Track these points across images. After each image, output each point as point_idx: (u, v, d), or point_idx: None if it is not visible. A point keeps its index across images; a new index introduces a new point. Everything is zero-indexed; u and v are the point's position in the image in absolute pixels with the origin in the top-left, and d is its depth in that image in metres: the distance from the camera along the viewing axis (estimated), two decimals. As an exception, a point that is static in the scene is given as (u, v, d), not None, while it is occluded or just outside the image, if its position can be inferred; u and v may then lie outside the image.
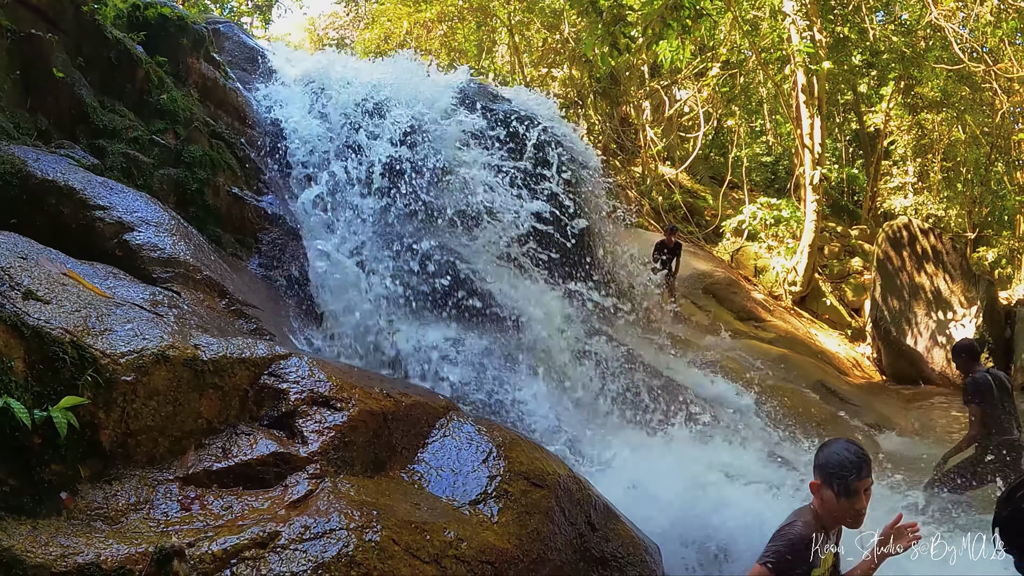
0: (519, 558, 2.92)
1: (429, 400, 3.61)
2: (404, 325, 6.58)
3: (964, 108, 26.35)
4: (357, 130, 7.58)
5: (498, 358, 6.72)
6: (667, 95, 24.18)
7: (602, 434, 6.54)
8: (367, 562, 2.45)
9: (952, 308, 18.10)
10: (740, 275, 20.93)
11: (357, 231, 6.98)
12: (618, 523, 3.88)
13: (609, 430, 6.72)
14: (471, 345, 6.64)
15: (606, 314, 9.07)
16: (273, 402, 3.21)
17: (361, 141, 7.48)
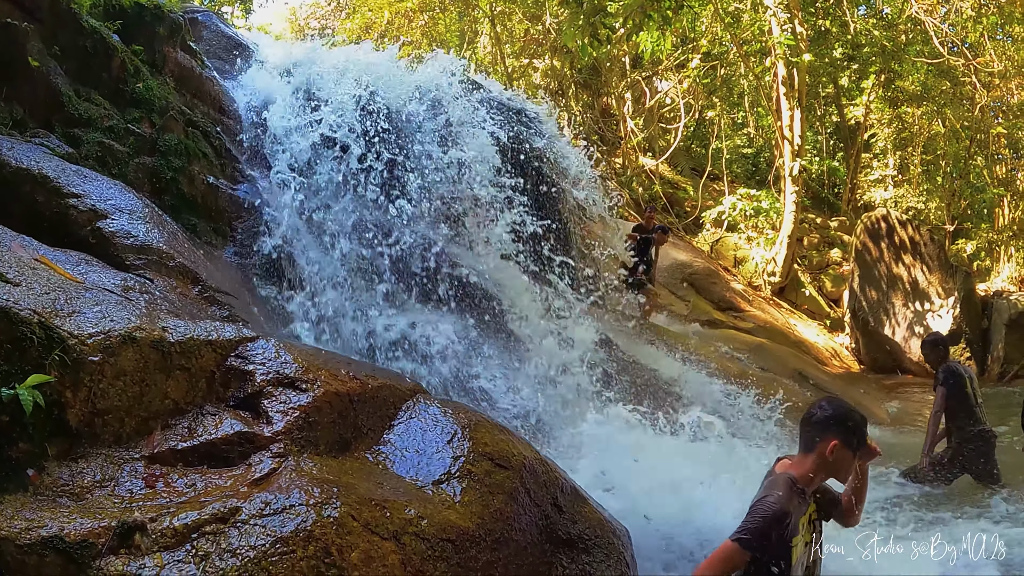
0: (481, 537, 2.97)
1: (396, 383, 3.66)
2: (382, 311, 6.63)
3: (944, 102, 26.52)
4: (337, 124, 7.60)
5: (476, 344, 6.78)
6: (648, 86, 24.24)
7: (574, 420, 6.61)
8: (325, 537, 2.50)
9: (930, 299, 18.27)
10: (720, 265, 21.04)
11: (335, 219, 7.01)
12: (585, 505, 3.93)
13: (582, 417, 6.79)
14: (449, 331, 6.69)
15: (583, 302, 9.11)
16: (239, 383, 3.26)
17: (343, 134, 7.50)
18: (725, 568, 3.52)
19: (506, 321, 7.44)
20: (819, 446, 3.64)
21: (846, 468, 3.67)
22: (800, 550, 3.74)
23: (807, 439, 3.73)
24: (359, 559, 2.51)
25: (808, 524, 3.80)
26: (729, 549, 3.52)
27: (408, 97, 8.07)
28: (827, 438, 3.61)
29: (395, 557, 2.61)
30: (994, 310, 19.07)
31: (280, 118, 7.37)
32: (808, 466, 3.67)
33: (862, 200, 28.68)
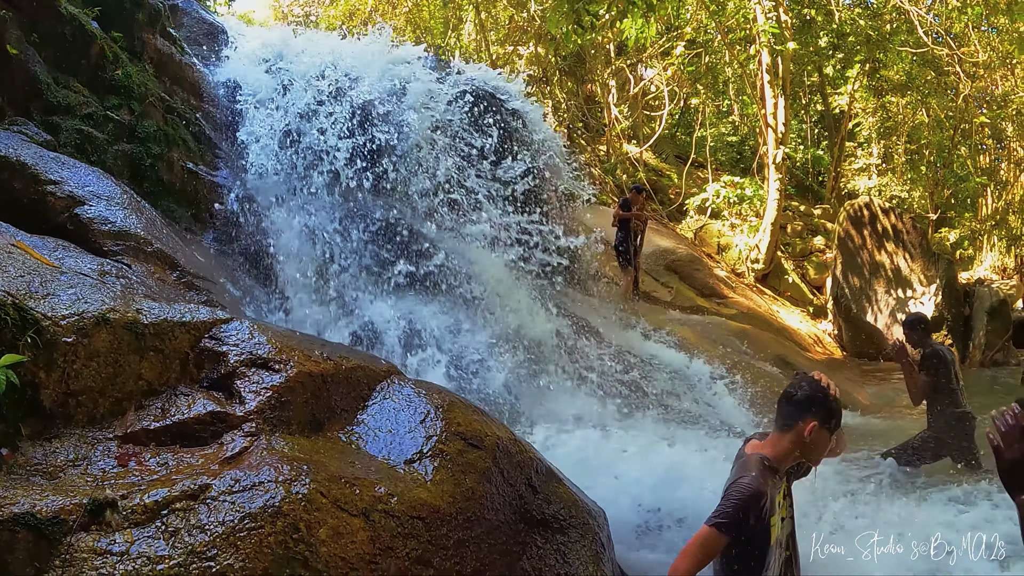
0: (453, 515, 3.00)
1: (371, 364, 3.69)
2: (361, 296, 6.66)
3: (928, 92, 26.61)
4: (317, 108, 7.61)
5: (456, 328, 6.82)
6: (632, 74, 24.25)
7: (552, 402, 6.66)
8: (293, 513, 2.53)
9: (912, 286, 18.38)
10: (703, 252, 21.10)
11: (314, 205, 7.03)
12: (561, 486, 3.96)
13: (560, 400, 6.84)
14: (428, 316, 6.73)
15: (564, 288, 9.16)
16: (213, 364, 3.29)
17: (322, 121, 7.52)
18: (704, 554, 3.53)
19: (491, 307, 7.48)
20: (797, 426, 3.64)
21: (821, 449, 3.68)
22: (778, 528, 3.79)
23: (785, 418, 3.72)
24: (327, 535, 2.55)
25: (783, 500, 3.85)
26: (706, 535, 3.52)
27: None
28: (807, 419, 3.61)
29: (364, 534, 2.65)
30: (976, 298, 19.21)
31: (257, 104, 7.38)
32: (784, 446, 3.68)
33: (846, 188, 28.82)
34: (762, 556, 3.67)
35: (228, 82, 7.79)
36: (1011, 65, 27.84)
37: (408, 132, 7.87)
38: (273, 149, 7.15)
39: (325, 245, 6.80)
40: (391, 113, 7.88)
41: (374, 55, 8.59)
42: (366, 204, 7.32)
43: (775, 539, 3.70)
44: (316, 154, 7.26)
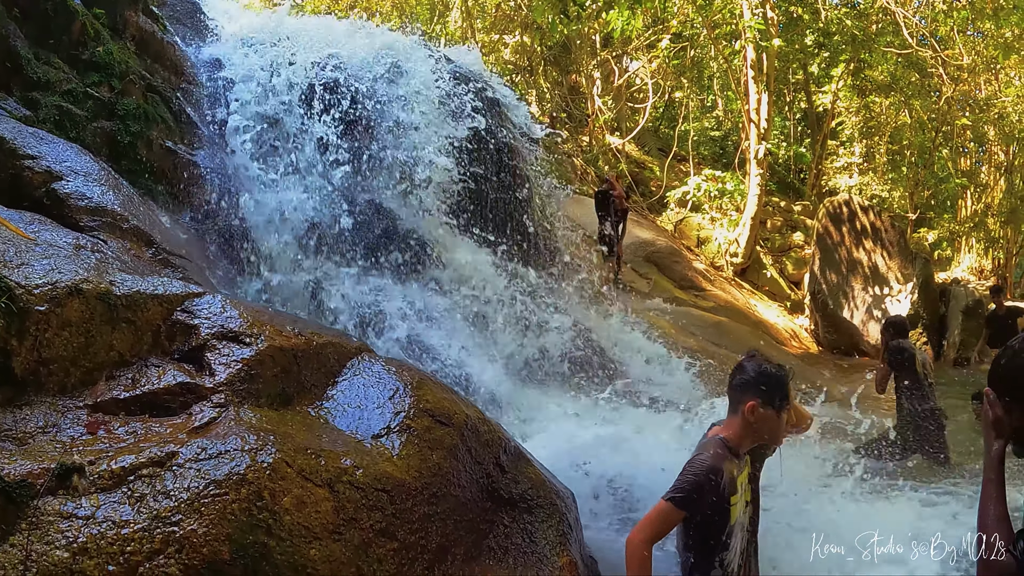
0: (418, 490, 3.05)
1: (342, 341, 3.72)
2: (337, 277, 6.69)
3: (912, 93, 26.79)
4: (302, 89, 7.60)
5: (429, 312, 6.86)
6: (617, 66, 24.31)
7: (525, 388, 6.72)
8: (258, 481, 2.57)
9: (888, 284, 18.54)
10: (682, 245, 21.22)
11: (294, 186, 7.04)
12: (529, 467, 4.01)
13: (532, 386, 6.90)
14: (402, 298, 6.77)
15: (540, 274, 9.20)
16: (184, 337, 3.32)
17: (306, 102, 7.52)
18: (660, 527, 3.62)
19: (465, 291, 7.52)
20: (741, 408, 3.77)
21: (772, 428, 3.78)
22: (740, 509, 3.87)
23: (732, 402, 3.88)
24: (291, 504, 2.59)
25: (747, 484, 3.94)
26: (662, 508, 3.61)
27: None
28: (746, 399, 3.74)
29: (328, 504, 2.69)
30: (951, 297, 19.43)
31: (239, 84, 7.38)
32: (735, 428, 3.80)
33: (827, 186, 28.99)
34: (721, 534, 3.75)
35: (211, 61, 7.77)
36: (995, 70, 28.07)
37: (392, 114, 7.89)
38: (254, 129, 7.15)
39: (303, 226, 6.82)
40: (377, 95, 7.90)
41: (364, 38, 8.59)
42: (347, 186, 7.33)
43: (736, 519, 3.78)
44: (298, 135, 7.26)
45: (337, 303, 6.45)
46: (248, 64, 7.63)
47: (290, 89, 7.42)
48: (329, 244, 6.89)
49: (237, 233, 6.45)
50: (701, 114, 29.95)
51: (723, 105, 29.57)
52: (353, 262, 7.03)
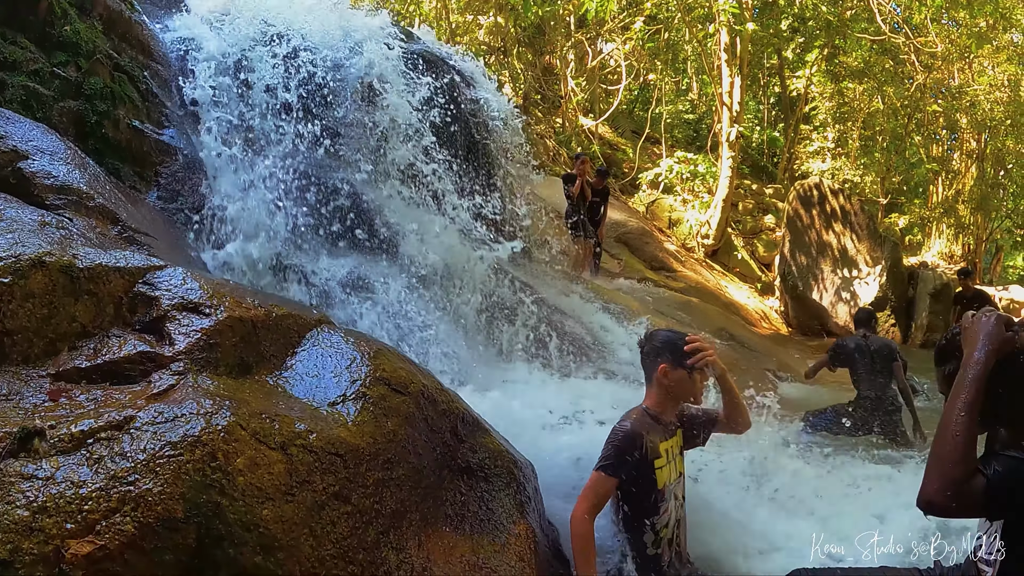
0: (372, 455, 3.14)
1: (302, 312, 3.81)
2: (304, 256, 6.75)
3: (885, 80, 27.03)
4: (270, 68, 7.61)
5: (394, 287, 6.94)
6: (591, 47, 24.39)
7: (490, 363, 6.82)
8: (212, 443, 2.66)
9: (857, 266, 18.79)
10: (654, 226, 21.41)
11: (262, 165, 7.08)
12: (487, 436, 4.12)
13: (498, 361, 7.00)
14: (369, 276, 6.84)
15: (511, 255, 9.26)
16: (146, 308, 3.40)
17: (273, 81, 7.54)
18: (595, 498, 3.97)
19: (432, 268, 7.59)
20: (655, 375, 4.15)
21: (689, 387, 4.15)
22: (668, 475, 4.14)
23: (647, 372, 4.26)
24: (244, 465, 2.68)
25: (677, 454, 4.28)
26: (594, 478, 3.98)
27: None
28: (659, 364, 4.12)
29: (281, 466, 2.78)
30: (919, 280, 19.71)
31: (206, 63, 7.40)
32: (654, 395, 4.19)
33: (800, 170, 29.24)
34: (650, 497, 4.08)
35: (179, 40, 7.77)
36: (968, 59, 28.34)
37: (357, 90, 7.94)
38: (222, 107, 7.18)
39: (271, 205, 6.87)
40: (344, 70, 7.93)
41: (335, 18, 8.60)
42: (315, 165, 7.38)
43: (663, 484, 4.09)
44: (265, 114, 7.30)
45: (302, 280, 6.51)
46: (215, 42, 7.63)
47: (256, 67, 7.44)
48: (296, 222, 6.94)
49: (203, 212, 6.50)
50: (676, 97, 30.10)
51: (698, 88, 29.74)
52: (321, 240, 7.09)
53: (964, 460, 2.54)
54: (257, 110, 7.29)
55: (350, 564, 2.90)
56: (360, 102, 7.92)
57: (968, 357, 2.70)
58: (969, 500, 2.52)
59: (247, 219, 6.63)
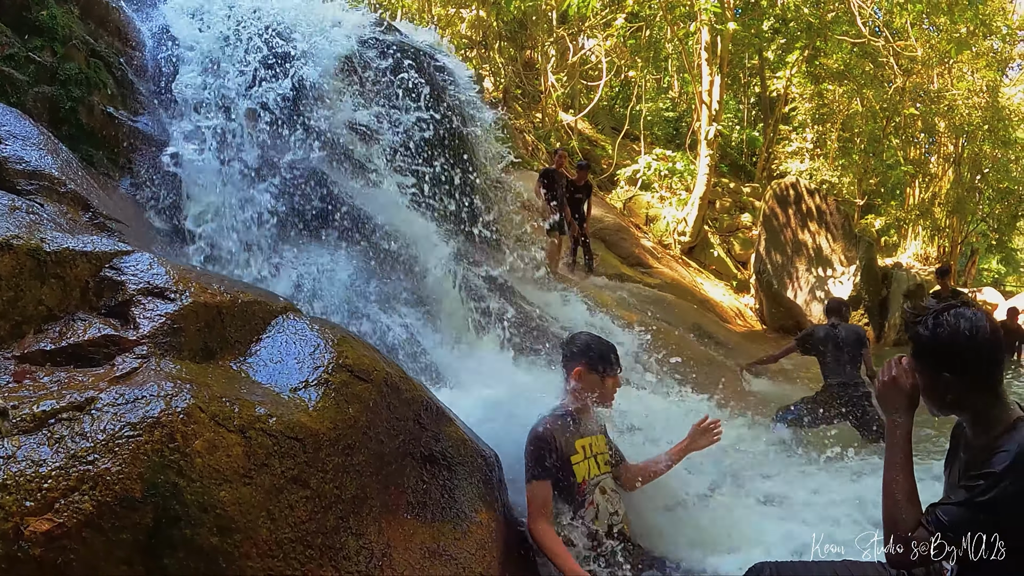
0: (332, 441, 3.18)
1: (268, 299, 3.84)
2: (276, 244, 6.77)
3: (865, 83, 27.26)
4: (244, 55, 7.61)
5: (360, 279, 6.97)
6: (572, 43, 24.45)
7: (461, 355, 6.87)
8: (171, 424, 2.71)
9: (832, 265, 18.94)
10: (631, 223, 21.51)
11: (233, 154, 7.08)
12: (450, 426, 4.17)
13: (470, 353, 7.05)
14: (344, 267, 6.86)
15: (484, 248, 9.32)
16: (112, 293, 3.43)
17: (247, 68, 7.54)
18: (540, 504, 4.23)
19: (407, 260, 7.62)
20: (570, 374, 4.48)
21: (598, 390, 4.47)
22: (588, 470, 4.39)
23: (566, 372, 4.56)
24: (203, 447, 2.73)
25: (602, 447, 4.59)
26: (530, 489, 4.27)
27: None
28: (573, 365, 4.47)
29: (239, 449, 2.83)
30: (893, 280, 19.90)
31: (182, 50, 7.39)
32: (569, 394, 4.50)
33: (778, 170, 29.45)
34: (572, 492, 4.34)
35: (156, 27, 7.77)
36: (948, 64, 28.61)
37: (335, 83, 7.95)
38: (194, 95, 7.18)
39: (244, 193, 6.89)
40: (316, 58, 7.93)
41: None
42: (287, 153, 7.40)
43: (583, 478, 4.35)
44: (239, 103, 7.30)
45: (272, 270, 6.54)
46: (192, 31, 7.63)
47: (232, 56, 7.44)
48: (269, 212, 6.95)
49: (175, 199, 6.51)
50: (656, 95, 30.20)
51: (679, 86, 29.86)
52: (294, 231, 7.11)
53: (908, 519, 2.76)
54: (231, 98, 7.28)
55: (308, 548, 2.95)
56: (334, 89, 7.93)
57: (890, 423, 2.93)
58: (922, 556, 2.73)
59: (219, 207, 6.64)
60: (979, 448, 2.80)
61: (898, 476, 2.82)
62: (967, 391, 2.81)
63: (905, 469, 2.82)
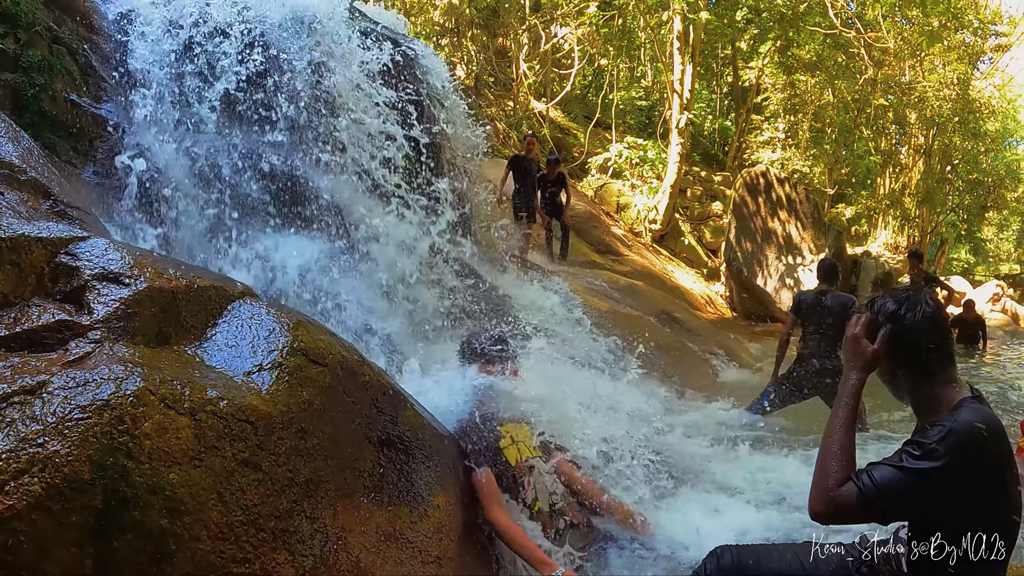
0: (285, 424, 3.21)
1: (225, 284, 3.86)
2: (243, 232, 6.77)
3: (837, 74, 27.45)
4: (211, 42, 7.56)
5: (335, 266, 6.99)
6: (545, 31, 24.46)
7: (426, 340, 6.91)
8: (120, 407, 2.74)
9: (802, 253, 19.11)
10: (602, 211, 21.60)
11: (200, 142, 7.06)
12: (409, 410, 4.21)
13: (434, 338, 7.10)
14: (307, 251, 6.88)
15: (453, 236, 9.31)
16: (67, 278, 3.45)
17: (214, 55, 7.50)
18: (489, 492, 4.40)
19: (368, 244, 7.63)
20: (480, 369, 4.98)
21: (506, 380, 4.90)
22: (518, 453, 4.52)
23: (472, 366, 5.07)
24: (152, 429, 2.76)
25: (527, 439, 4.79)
26: (477, 480, 4.43)
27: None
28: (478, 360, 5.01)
29: (189, 431, 2.86)
30: (862, 268, 20.13)
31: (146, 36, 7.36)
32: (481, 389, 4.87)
33: (750, 159, 29.62)
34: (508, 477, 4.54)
35: (120, 13, 7.72)
36: (919, 56, 28.85)
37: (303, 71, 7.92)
38: (160, 82, 7.15)
39: (210, 182, 6.88)
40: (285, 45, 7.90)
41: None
42: (254, 142, 7.38)
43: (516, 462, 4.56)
44: (203, 89, 7.28)
45: (238, 258, 6.54)
46: (156, 17, 7.58)
47: (196, 43, 7.41)
48: (234, 200, 6.95)
49: (140, 187, 6.49)
50: (629, 83, 30.28)
51: (652, 76, 29.95)
52: (260, 220, 7.10)
53: (838, 471, 2.75)
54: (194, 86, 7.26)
55: (260, 531, 2.98)
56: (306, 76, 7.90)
57: (844, 376, 2.95)
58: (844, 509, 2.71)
59: (182, 195, 6.63)
60: (922, 427, 2.83)
61: (838, 429, 2.82)
62: (910, 373, 2.88)
63: (846, 424, 2.83)
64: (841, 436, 2.81)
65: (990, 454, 2.69)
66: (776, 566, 3.35)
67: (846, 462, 2.77)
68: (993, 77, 34.42)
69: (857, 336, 2.91)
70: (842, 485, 2.72)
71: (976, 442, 2.65)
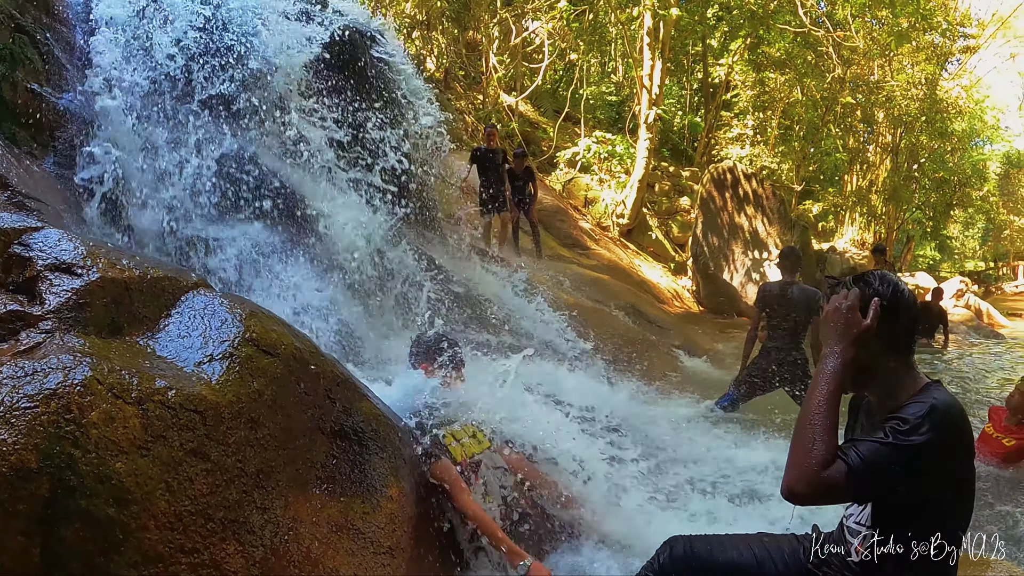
0: (234, 414, 3.24)
1: (179, 275, 3.87)
2: (204, 224, 6.77)
3: (806, 72, 27.64)
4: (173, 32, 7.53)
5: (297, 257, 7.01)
6: (516, 24, 24.46)
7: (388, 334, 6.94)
8: (68, 396, 2.77)
9: (768, 248, 19.28)
10: (569, 205, 21.68)
11: (161, 131, 7.05)
12: (363, 401, 4.23)
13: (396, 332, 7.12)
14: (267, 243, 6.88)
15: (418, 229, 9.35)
16: (19, 269, 3.45)
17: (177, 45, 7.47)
18: (452, 481, 4.44)
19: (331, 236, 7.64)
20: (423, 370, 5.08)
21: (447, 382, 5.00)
22: (465, 450, 4.59)
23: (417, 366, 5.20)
24: (99, 418, 2.79)
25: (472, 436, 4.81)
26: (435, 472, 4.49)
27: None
28: (420, 361, 5.15)
29: (136, 421, 2.89)
30: (827, 264, 20.34)
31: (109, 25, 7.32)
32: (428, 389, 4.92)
33: (719, 156, 29.80)
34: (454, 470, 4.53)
35: (83, 2, 7.67)
36: (888, 56, 29.14)
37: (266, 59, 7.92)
38: (122, 72, 7.11)
39: (171, 174, 6.86)
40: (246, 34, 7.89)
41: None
42: (218, 133, 7.37)
43: (462, 459, 4.59)
44: (166, 79, 7.26)
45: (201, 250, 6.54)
46: (122, 5, 7.54)
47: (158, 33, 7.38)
48: (196, 191, 6.94)
49: (102, 179, 6.45)
50: (600, 79, 30.35)
51: (623, 71, 30.03)
52: (222, 211, 7.10)
53: (825, 449, 2.61)
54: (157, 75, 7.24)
55: (209, 521, 3.01)
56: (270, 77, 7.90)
57: (827, 351, 2.79)
58: (830, 488, 2.58)
59: (144, 187, 6.61)
60: (887, 410, 2.77)
61: (822, 406, 2.66)
62: (891, 352, 2.82)
63: (831, 401, 2.67)
64: (825, 414, 2.64)
65: (966, 433, 2.69)
66: (729, 556, 3.34)
67: (830, 440, 2.62)
68: (961, 78, 34.83)
69: (851, 307, 2.76)
70: (827, 463, 2.58)
71: (955, 420, 2.65)
